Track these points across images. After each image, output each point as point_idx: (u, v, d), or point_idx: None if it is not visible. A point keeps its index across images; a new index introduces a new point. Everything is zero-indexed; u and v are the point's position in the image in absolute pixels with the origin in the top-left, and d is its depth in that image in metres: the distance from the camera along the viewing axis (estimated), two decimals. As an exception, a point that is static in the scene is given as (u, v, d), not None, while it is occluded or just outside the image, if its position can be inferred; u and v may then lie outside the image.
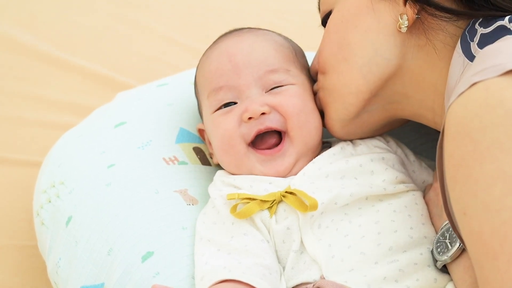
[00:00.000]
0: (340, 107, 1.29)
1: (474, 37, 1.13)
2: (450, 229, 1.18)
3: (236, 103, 1.31)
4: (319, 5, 1.35)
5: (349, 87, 1.26)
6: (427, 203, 1.28)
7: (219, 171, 1.35)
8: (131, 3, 2.20)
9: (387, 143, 1.37)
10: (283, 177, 1.28)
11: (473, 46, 1.13)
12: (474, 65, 1.06)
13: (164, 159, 1.39)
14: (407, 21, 1.20)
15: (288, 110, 1.29)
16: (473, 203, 0.96)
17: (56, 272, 1.34)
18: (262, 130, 1.29)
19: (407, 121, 1.36)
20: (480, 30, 1.13)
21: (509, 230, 0.93)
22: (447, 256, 1.17)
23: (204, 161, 1.42)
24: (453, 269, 1.17)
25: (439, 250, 1.18)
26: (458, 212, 1.00)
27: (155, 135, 1.42)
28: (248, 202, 1.23)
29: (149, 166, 1.37)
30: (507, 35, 1.09)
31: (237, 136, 1.29)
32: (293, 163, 1.29)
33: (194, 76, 1.42)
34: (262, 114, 1.28)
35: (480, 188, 0.96)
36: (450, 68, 1.16)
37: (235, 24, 1.44)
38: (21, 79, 1.93)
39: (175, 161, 1.39)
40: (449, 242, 1.18)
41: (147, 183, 1.34)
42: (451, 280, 1.18)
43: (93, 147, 1.42)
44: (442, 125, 1.05)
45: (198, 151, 1.43)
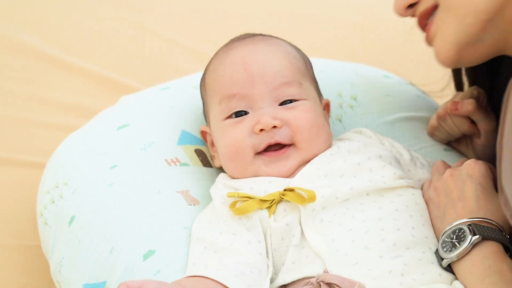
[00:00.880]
0: (459, 28, 1.24)
1: None
2: (457, 231, 1.20)
3: (247, 113, 1.32)
4: None
5: (467, 6, 1.21)
6: (427, 202, 1.30)
7: (222, 174, 1.37)
8: (136, 7, 2.21)
9: (382, 144, 1.39)
10: (285, 178, 1.30)
11: None
12: None
13: (166, 161, 1.40)
14: None
15: (300, 126, 1.31)
16: None
17: (59, 271, 1.36)
18: (272, 143, 1.31)
19: None
20: None
21: None
22: (456, 253, 1.18)
23: (206, 163, 1.44)
24: (460, 265, 1.18)
25: (446, 249, 1.20)
26: None
27: (158, 137, 1.44)
28: (247, 201, 1.25)
29: (151, 167, 1.39)
30: None
31: (246, 146, 1.31)
32: (296, 166, 1.31)
33: (202, 78, 1.43)
34: (274, 127, 1.30)
35: None
36: None
37: (240, 28, 1.46)
38: (27, 81, 1.94)
39: (177, 163, 1.41)
40: (457, 242, 1.19)
41: (149, 184, 1.36)
42: (456, 279, 1.20)
43: (96, 149, 1.43)
44: None
45: (200, 153, 1.44)
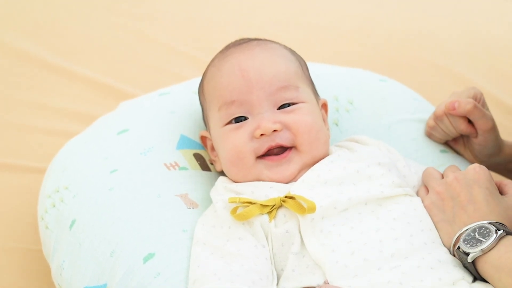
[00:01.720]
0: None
1: None
2: (478, 229, 1.22)
3: (247, 118, 1.34)
4: None
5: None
6: (430, 207, 1.31)
7: (222, 177, 1.39)
8: (135, 14, 2.23)
9: (380, 150, 1.40)
10: (286, 183, 1.32)
11: None
12: None
13: (166, 165, 1.42)
14: None
15: (300, 129, 1.33)
16: None
17: (60, 274, 1.38)
18: (273, 147, 1.33)
19: None
20: None
21: None
22: (483, 247, 1.20)
23: (204, 167, 1.45)
24: (487, 259, 1.20)
25: (469, 245, 1.22)
26: None
27: (157, 142, 1.46)
28: (249, 206, 1.27)
29: (151, 171, 1.41)
30: None
31: (247, 151, 1.32)
32: (298, 170, 1.33)
33: (200, 85, 1.44)
34: (274, 131, 1.32)
35: None
36: None
37: (238, 36, 1.47)
38: (27, 88, 1.96)
39: (176, 167, 1.43)
40: (481, 237, 1.21)
41: (149, 188, 1.38)
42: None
43: (97, 153, 1.45)
44: None
45: (198, 157, 1.46)
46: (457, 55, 2.13)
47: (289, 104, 1.35)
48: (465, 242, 1.23)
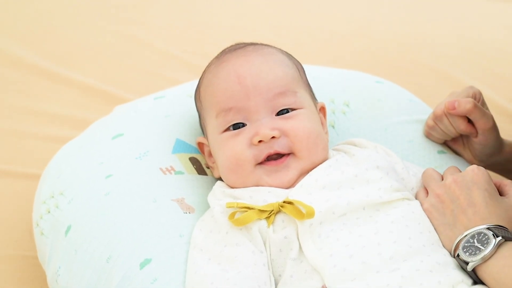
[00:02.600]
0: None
1: None
2: (477, 235, 1.22)
3: (245, 124, 1.33)
4: None
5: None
6: (430, 210, 1.31)
7: (219, 182, 1.38)
8: (128, 19, 2.23)
9: (378, 153, 1.40)
10: (285, 188, 1.31)
11: None
12: None
13: (161, 169, 1.41)
14: None
15: (298, 135, 1.32)
16: None
17: (56, 281, 1.37)
18: (271, 154, 1.32)
19: None
20: None
21: None
22: (482, 256, 1.19)
23: (200, 171, 1.44)
24: (488, 267, 1.20)
25: (469, 253, 1.21)
26: None
27: (152, 146, 1.45)
28: (246, 211, 1.26)
29: (147, 176, 1.40)
30: None
31: (246, 158, 1.31)
32: (297, 175, 1.32)
33: (197, 91, 1.43)
34: (272, 138, 1.31)
35: None
36: None
37: (232, 40, 1.46)
38: (21, 94, 1.96)
39: (172, 171, 1.42)
40: (480, 245, 1.21)
41: (145, 192, 1.37)
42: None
43: (92, 158, 1.44)
44: None
45: (194, 161, 1.45)
46: (453, 58, 2.14)
47: (288, 110, 1.34)
48: (465, 250, 1.22)
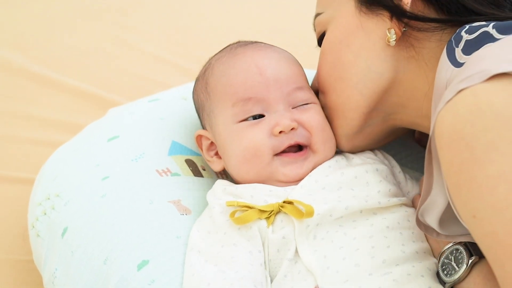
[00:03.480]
0: (343, 123, 1.34)
1: (459, 43, 1.17)
2: (455, 252, 1.22)
3: (262, 115, 1.34)
4: (314, 26, 1.39)
5: (349, 104, 1.32)
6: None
7: (221, 180, 1.38)
8: (119, 24, 2.23)
9: (376, 155, 1.41)
10: (284, 187, 1.31)
11: (458, 52, 1.16)
12: (460, 73, 1.10)
13: (157, 171, 1.41)
14: (395, 35, 1.25)
15: (314, 127, 1.33)
16: (481, 206, 0.99)
17: (52, 283, 1.36)
18: (292, 144, 1.33)
19: (409, 130, 1.41)
20: (466, 37, 1.16)
21: None
22: (456, 277, 1.20)
23: (196, 173, 1.45)
24: (463, 286, 1.20)
25: (446, 272, 1.22)
26: (467, 216, 1.03)
27: (148, 148, 1.45)
28: (247, 210, 1.26)
29: (143, 178, 1.39)
30: (489, 43, 1.13)
31: (266, 148, 1.32)
32: (310, 169, 1.33)
33: (202, 83, 1.41)
34: (292, 129, 1.32)
35: (485, 191, 0.99)
36: (436, 74, 1.20)
37: (223, 44, 1.46)
38: (13, 99, 1.95)
39: (168, 173, 1.42)
40: (455, 264, 1.21)
41: (142, 194, 1.36)
42: None
43: (87, 160, 1.44)
44: (431, 132, 1.08)
45: (190, 163, 1.45)
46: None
47: (303, 105, 1.36)
48: (443, 268, 1.23)
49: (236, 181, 1.37)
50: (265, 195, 1.29)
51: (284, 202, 1.26)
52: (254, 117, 1.34)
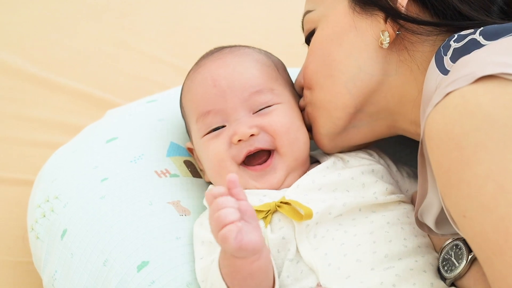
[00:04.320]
0: (328, 122, 1.33)
1: (448, 52, 1.18)
2: (455, 247, 1.23)
3: (225, 126, 1.34)
4: (303, 24, 1.39)
5: (335, 102, 1.31)
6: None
7: (212, 186, 1.38)
8: (116, 25, 2.23)
9: (371, 155, 1.41)
10: (277, 190, 1.32)
11: (446, 60, 1.17)
12: (447, 78, 1.11)
13: (156, 172, 1.42)
14: (388, 38, 1.25)
15: (277, 130, 1.32)
16: (470, 205, 1.01)
17: (52, 285, 1.36)
18: (252, 151, 1.32)
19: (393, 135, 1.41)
20: (454, 45, 1.17)
21: (509, 224, 0.97)
22: (456, 273, 1.20)
23: (195, 174, 1.45)
24: (463, 282, 1.21)
25: (446, 268, 1.22)
26: (457, 215, 1.04)
27: (147, 149, 1.45)
28: None
29: (142, 179, 1.40)
30: (476, 50, 1.14)
31: (228, 158, 1.32)
32: (285, 176, 1.33)
33: (180, 98, 1.44)
34: (251, 136, 1.31)
35: (474, 190, 1.00)
36: (425, 81, 1.21)
37: (220, 44, 1.47)
38: (11, 100, 1.95)
39: (167, 174, 1.42)
40: (455, 260, 1.22)
41: (141, 195, 1.37)
42: (450, 286, 1.22)
43: (86, 162, 1.44)
44: (421, 136, 1.09)
45: (189, 164, 1.46)
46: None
47: (265, 108, 1.35)
48: (443, 264, 1.23)
49: None
50: (260, 197, 1.30)
51: (281, 202, 1.27)
52: (215, 129, 1.34)
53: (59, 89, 1.98)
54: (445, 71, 1.16)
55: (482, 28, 1.16)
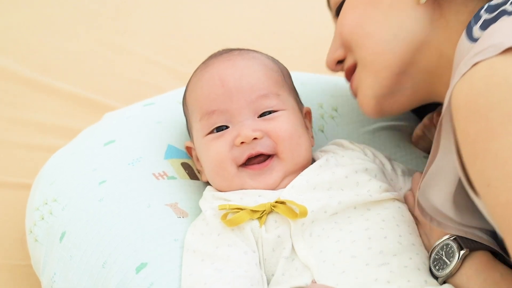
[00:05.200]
0: (375, 82, 1.32)
1: (478, 22, 1.18)
2: (445, 247, 1.23)
3: (228, 127, 1.35)
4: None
5: (379, 62, 1.30)
6: (415, 217, 1.32)
7: (209, 187, 1.39)
8: (112, 28, 2.24)
9: (366, 155, 1.42)
10: (273, 190, 1.33)
11: (475, 29, 1.18)
12: (475, 47, 1.11)
13: (154, 175, 1.42)
14: None
15: (280, 136, 1.33)
16: (495, 175, 1.01)
17: (51, 287, 1.37)
18: (253, 154, 1.33)
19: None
20: (485, 16, 1.17)
21: None
22: (447, 271, 1.21)
23: (192, 176, 1.46)
24: (456, 280, 1.22)
25: (438, 268, 1.23)
26: (481, 185, 1.04)
27: (145, 152, 1.46)
28: (239, 212, 1.27)
29: (140, 181, 1.40)
30: (504, 16, 1.14)
31: (229, 159, 1.33)
32: (282, 177, 1.34)
33: (184, 97, 1.45)
34: (254, 139, 1.32)
35: (501, 160, 1.00)
36: (456, 50, 1.21)
37: (216, 47, 1.47)
38: (7, 104, 1.95)
39: (165, 176, 1.43)
40: (446, 258, 1.22)
41: (139, 198, 1.37)
42: (444, 283, 1.23)
43: (84, 165, 1.45)
44: (445, 103, 1.10)
45: (187, 167, 1.46)
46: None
47: (270, 112, 1.36)
48: (434, 264, 1.24)
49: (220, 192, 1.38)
50: (255, 198, 1.30)
51: (277, 202, 1.27)
52: (218, 129, 1.35)
53: (56, 93, 1.98)
54: (473, 39, 1.16)
55: None
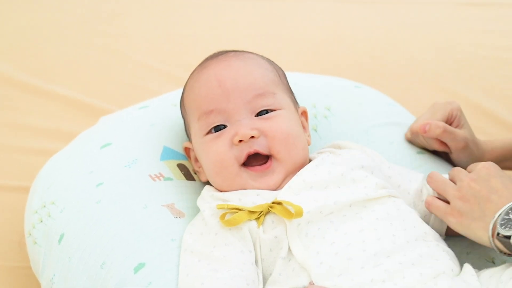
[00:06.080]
0: None
1: None
2: (510, 210, 1.25)
3: (226, 126, 1.36)
4: None
5: None
6: (459, 214, 1.32)
7: (208, 186, 1.41)
8: (108, 32, 2.25)
9: (364, 153, 1.43)
10: (273, 190, 1.34)
11: None
12: None
13: (151, 176, 1.44)
14: None
15: (276, 136, 1.35)
16: None
17: (50, 289, 1.38)
18: (251, 153, 1.34)
19: None
20: None
21: None
22: None
23: (189, 177, 1.47)
24: None
25: (508, 227, 1.24)
26: None
27: (141, 154, 1.47)
28: (237, 212, 1.29)
29: (137, 183, 1.42)
30: None
31: (230, 158, 1.34)
32: (282, 178, 1.35)
33: (181, 98, 1.46)
34: (251, 138, 1.34)
35: None
36: None
37: (210, 51, 1.49)
38: (3, 108, 1.96)
39: (161, 177, 1.44)
40: None
41: (136, 199, 1.39)
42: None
43: (81, 168, 1.46)
44: None
45: (182, 168, 1.48)
46: (428, 62, 2.18)
47: (267, 111, 1.37)
48: (503, 226, 1.26)
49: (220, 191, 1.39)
50: (253, 198, 1.32)
51: (273, 203, 1.29)
52: (216, 129, 1.36)
53: (52, 97, 1.99)
54: None
55: None
